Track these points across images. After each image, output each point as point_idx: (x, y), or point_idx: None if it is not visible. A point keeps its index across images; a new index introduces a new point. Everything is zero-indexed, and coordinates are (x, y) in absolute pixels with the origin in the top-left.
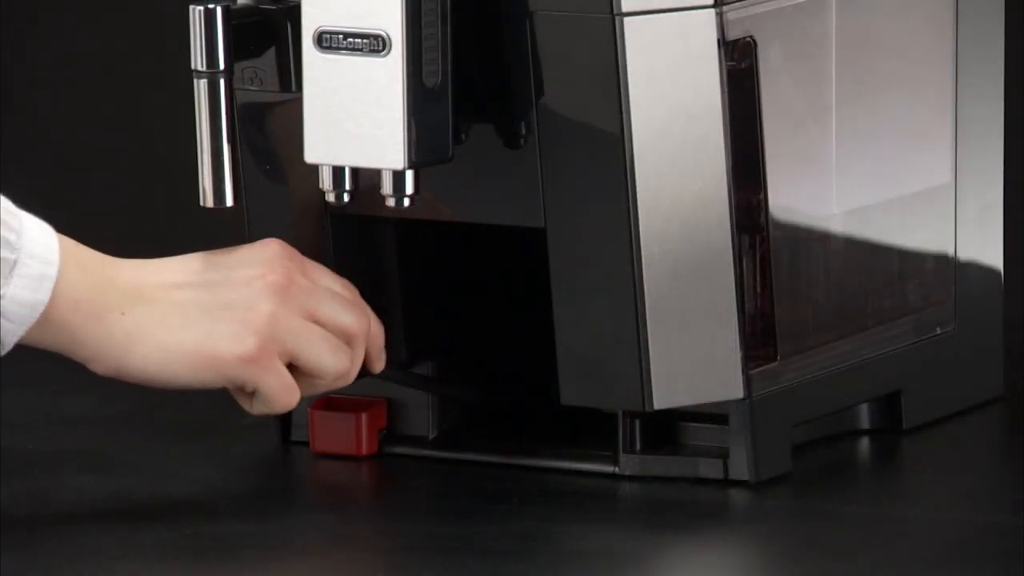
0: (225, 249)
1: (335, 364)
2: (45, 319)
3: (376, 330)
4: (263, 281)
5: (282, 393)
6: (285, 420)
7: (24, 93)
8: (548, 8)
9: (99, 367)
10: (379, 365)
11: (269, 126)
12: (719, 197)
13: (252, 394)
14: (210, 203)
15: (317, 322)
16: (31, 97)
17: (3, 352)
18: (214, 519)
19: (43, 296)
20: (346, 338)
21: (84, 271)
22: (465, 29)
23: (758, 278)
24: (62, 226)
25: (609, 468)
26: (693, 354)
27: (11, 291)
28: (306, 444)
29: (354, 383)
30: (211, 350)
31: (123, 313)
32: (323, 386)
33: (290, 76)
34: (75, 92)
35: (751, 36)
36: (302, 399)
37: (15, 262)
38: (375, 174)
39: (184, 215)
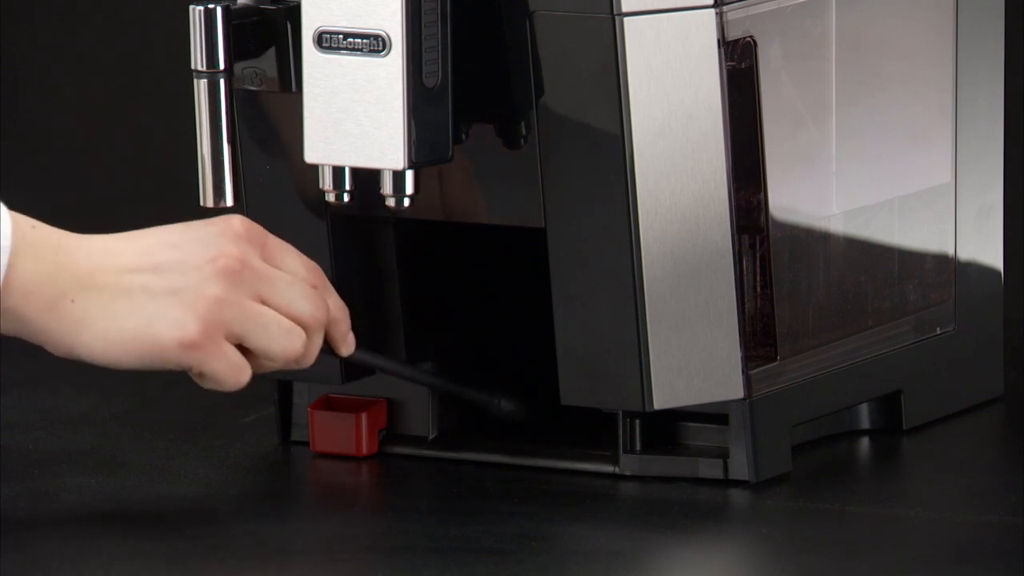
0: (185, 225)
1: (285, 348)
2: (3, 309)
3: (338, 314)
4: (214, 265)
5: (229, 374)
6: (285, 420)
7: (24, 93)
8: (548, 8)
9: (52, 350)
10: (345, 349)
11: (269, 127)
12: (719, 197)
13: (200, 374)
14: (210, 203)
15: (269, 306)
16: (31, 97)
17: None
18: (214, 519)
19: None
20: (300, 324)
21: (37, 259)
22: (465, 29)
23: (758, 278)
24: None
25: (609, 468)
26: (693, 354)
27: None
28: (306, 444)
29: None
30: (153, 336)
31: (73, 300)
32: (275, 367)
33: (290, 76)
34: (75, 92)
35: (751, 36)
36: (256, 377)
37: None
38: (375, 174)
39: (184, 215)
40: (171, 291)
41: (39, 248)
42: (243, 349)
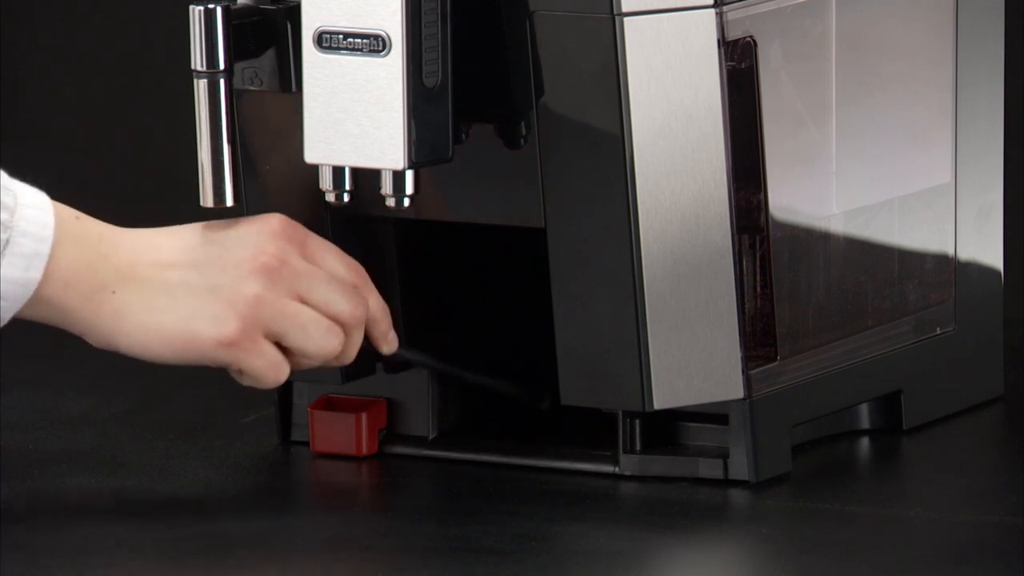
0: (226, 222)
1: (322, 347)
2: (38, 297)
3: (379, 313)
4: (253, 263)
5: (268, 372)
6: (285, 420)
7: (24, 93)
8: (548, 8)
9: (92, 341)
10: (386, 347)
11: (269, 126)
12: (719, 197)
13: (239, 371)
14: (210, 203)
15: (307, 305)
16: (31, 97)
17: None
18: (214, 519)
19: (35, 274)
20: (338, 323)
21: (80, 248)
22: (465, 29)
23: (758, 278)
24: None
25: (609, 468)
26: (693, 354)
27: (3, 271)
28: (306, 444)
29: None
30: (192, 333)
31: (114, 292)
32: (314, 364)
33: (290, 76)
34: (75, 92)
35: (751, 36)
36: (295, 373)
37: (7, 241)
38: (375, 174)
39: (184, 215)
40: (211, 288)
41: (82, 239)
42: (281, 347)
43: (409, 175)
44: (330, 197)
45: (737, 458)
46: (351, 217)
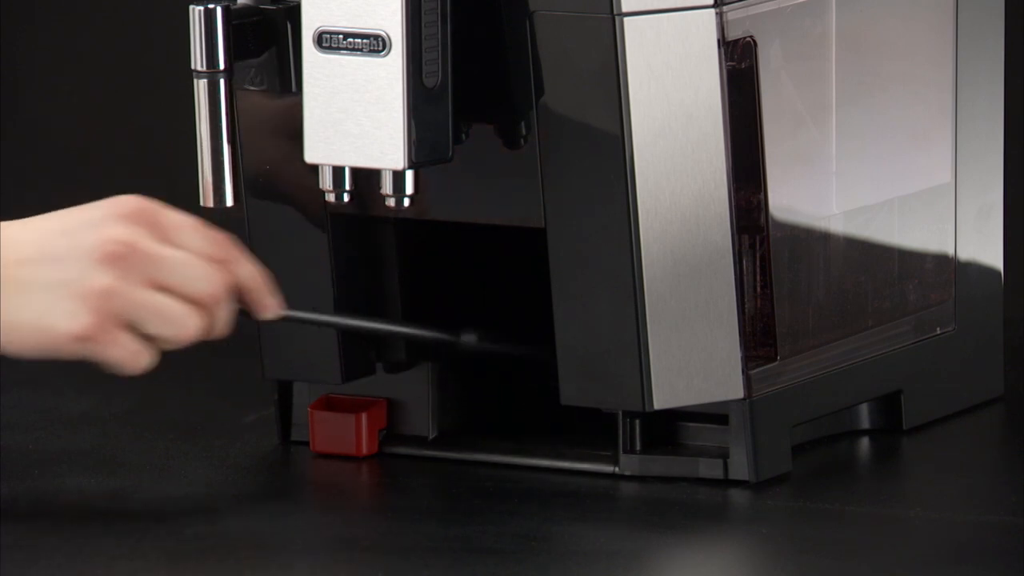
0: (79, 208)
1: (179, 331)
2: None
3: (251, 282)
4: (102, 251)
5: (128, 361)
6: (285, 420)
7: (24, 93)
8: (548, 8)
9: None
10: (265, 314)
11: (269, 126)
12: (719, 197)
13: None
14: (210, 203)
15: (163, 289)
16: (31, 97)
17: None
18: (214, 519)
19: None
20: (197, 303)
21: None
22: (465, 29)
23: (758, 278)
24: None
25: (609, 468)
26: (693, 354)
27: None
28: (306, 444)
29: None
30: (49, 328)
31: None
32: (182, 345)
33: (290, 76)
34: (75, 92)
35: (751, 36)
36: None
37: None
38: (375, 174)
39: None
40: (63, 282)
41: None
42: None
43: (409, 175)
44: (330, 197)
45: (737, 458)
46: (351, 217)
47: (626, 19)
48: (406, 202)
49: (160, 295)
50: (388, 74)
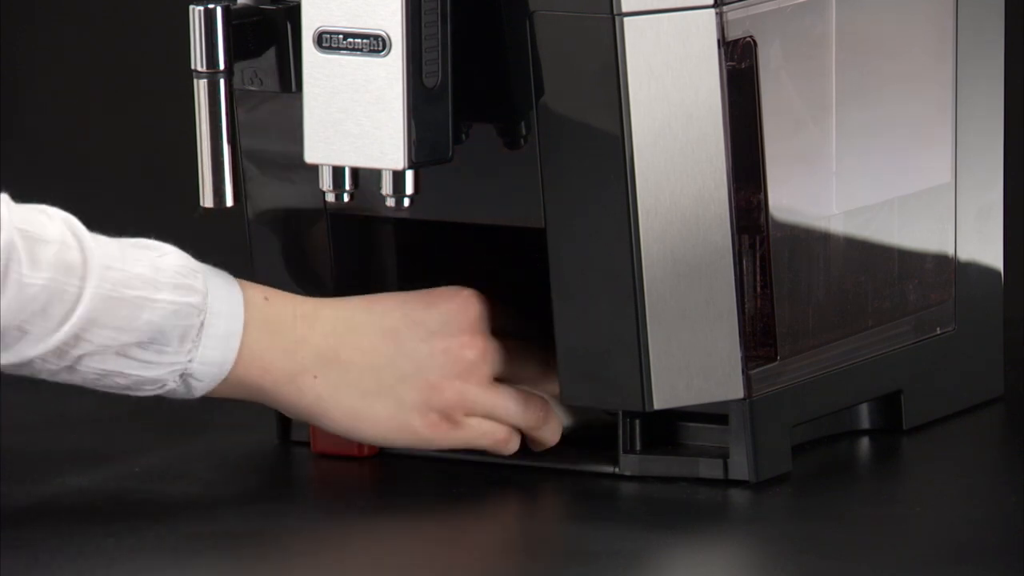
0: (422, 298)
1: (526, 413)
2: (238, 380)
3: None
4: (459, 354)
5: (486, 437)
6: (285, 420)
7: (24, 93)
8: (548, 8)
9: (291, 416)
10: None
11: (269, 126)
12: (719, 197)
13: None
14: (210, 203)
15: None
16: (31, 97)
17: (191, 398)
18: (214, 519)
19: (231, 355)
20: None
21: (274, 333)
22: (465, 29)
23: (758, 278)
24: None
25: (609, 468)
26: (693, 354)
27: (200, 353)
28: (306, 444)
29: None
30: (402, 420)
31: (315, 376)
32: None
33: (290, 76)
34: (75, 92)
35: (751, 36)
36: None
37: (203, 324)
38: (375, 174)
39: (184, 215)
40: (417, 372)
41: (275, 322)
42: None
43: (409, 175)
44: (330, 197)
45: (737, 458)
46: (351, 217)
47: (626, 19)
48: (406, 202)
49: (503, 386)
50: (388, 74)
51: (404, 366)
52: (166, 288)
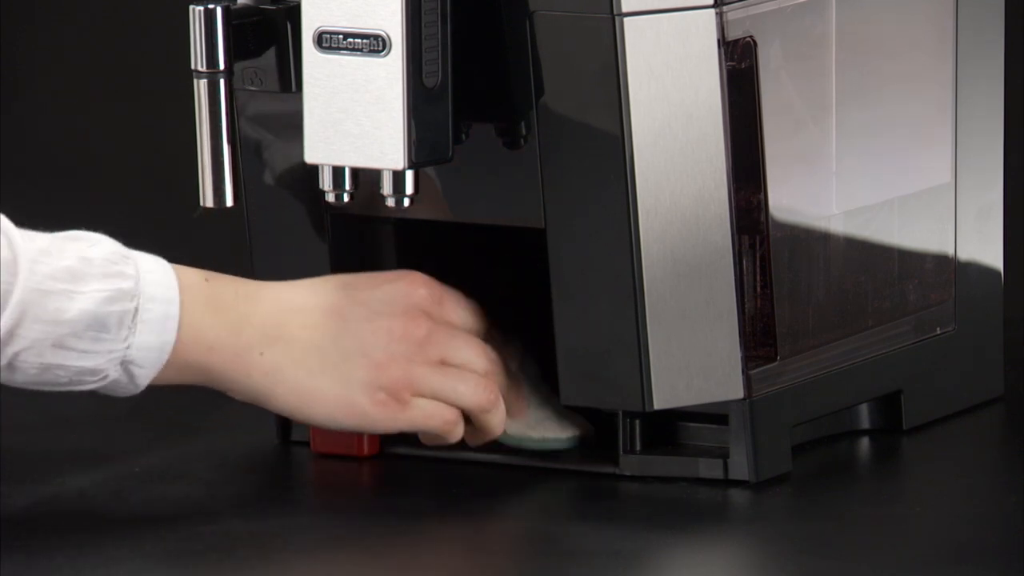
0: (367, 279)
1: (475, 395)
2: (183, 362)
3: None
4: (403, 332)
5: (434, 419)
6: (285, 420)
7: (24, 93)
8: (548, 8)
9: (237, 397)
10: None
11: (269, 126)
12: (719, 197)
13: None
14: (210, 203)
15: (451, 366)
16: (31, 97)
17: (137, 392)
18: (214, 519)
19: (169, 337)
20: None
21: (217, 311)
22: (465, 29)
23: (758, 278)
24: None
25: (609, 468)
26: (693, 354)
27: (137, 339)
28: (306, 444)
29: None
30: (348, 398)
31: (261, 353)
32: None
33: (290, 76)
34: (75, 92)
35: (751, 36)
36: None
37: (136, 309)
38: (375, 174)
39: (184, 216)
40: (362, 352)
41: (217, 300)
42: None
43: (409, 175)
44: (330, 197)
45: (737, 458)
46: (351, 217)
47: (626, 19)
48: (406, 202)
49: (452, 368)
50: (388, 74)
51: (348, 344)
52: (96, 277)
